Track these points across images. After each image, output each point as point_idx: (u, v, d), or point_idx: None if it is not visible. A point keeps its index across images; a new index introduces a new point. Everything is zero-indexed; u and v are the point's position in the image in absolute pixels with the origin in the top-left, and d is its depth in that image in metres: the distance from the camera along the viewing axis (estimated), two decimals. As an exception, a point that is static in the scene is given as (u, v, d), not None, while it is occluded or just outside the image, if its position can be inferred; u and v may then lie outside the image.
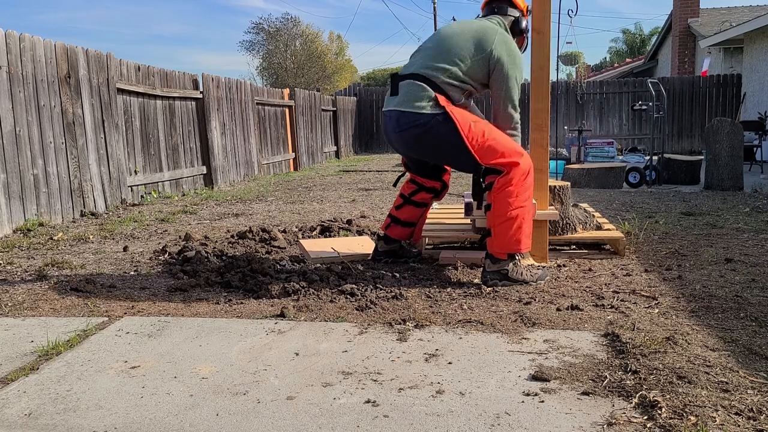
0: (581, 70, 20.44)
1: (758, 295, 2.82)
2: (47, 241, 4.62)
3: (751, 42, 13.67)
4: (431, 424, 1.71)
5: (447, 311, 2.72)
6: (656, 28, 33.71)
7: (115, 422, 1.77)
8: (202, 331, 2.53)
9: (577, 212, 4.02)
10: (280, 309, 2.75)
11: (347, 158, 16.13)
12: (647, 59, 23.12)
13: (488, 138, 3.04)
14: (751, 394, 1.81)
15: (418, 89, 3.07)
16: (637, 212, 5.44)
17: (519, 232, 3.03)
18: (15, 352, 2.35)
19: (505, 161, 3.02)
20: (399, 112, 3.11)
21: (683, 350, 2.15)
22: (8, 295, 3.14)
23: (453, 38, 3.15)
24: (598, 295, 2.92)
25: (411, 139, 3.14)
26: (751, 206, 5.68)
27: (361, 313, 2.71)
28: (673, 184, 8.38)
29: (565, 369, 2.04)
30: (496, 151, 3.03)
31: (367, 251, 3.81)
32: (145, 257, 4.03)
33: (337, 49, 37.15)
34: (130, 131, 6.97)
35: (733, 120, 8.13)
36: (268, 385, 2.00)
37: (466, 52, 3.09)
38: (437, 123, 3.03)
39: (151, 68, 7.54)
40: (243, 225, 5.22)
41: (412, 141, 3.15)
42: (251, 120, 10.38)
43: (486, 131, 3.06)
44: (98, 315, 2.79)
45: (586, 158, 10.83)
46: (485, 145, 3.03)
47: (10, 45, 5.09)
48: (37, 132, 5.36)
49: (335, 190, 8.13)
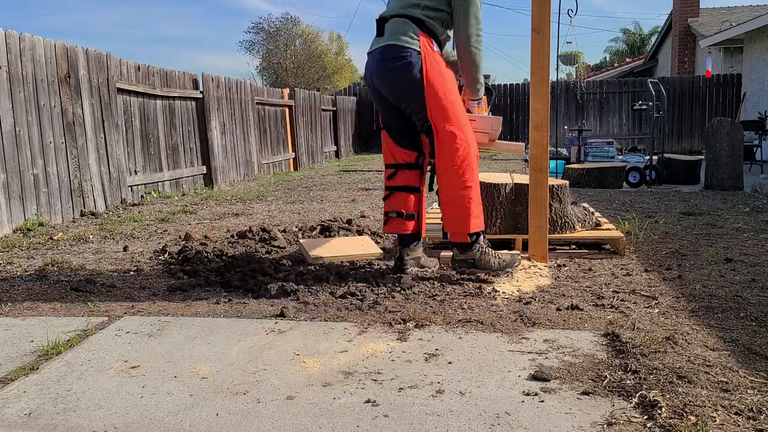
0: (581, 70, 20.44)
1: (758, 295, 2.82)
2: (47, 241, 4.62)
3: (751, 42, 13.67)
4: (431, 424, 1.71)
5: (447, 311, 2.72)
6: (656, 28, 33.70)
7: (115, 422, 1.77)
8: (202, 331, 2.53)
9: (576, 210, 4.02)
10: (280, 309, 2.75)
11: (347, 158, 16.13)
12: (647, 59, 23.14)
13: (447, 99, 3.02)
14: (751, 393, 1.81)
15: (401, 24, 3.10)
16: (637, 212, 5.44)
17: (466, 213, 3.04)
18: (15, 352, 2.35)
19: (450, 127, 3.00)
20: (383, 47, 3.12)
21: (683, 350, 2.15)
22: (8, 295, 3.14)
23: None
24: (598, 294, 2.92)
25: (390, 70, 3.10)
26: (751, 206, 5.68)
27: (361, 313, 2.71)
28: (673, 184, 8.38)
29: (565, 369, 2.04)
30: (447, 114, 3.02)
31: (367, 251, 3.81)
32: (145, 257, 4.03)
33: (337, 49, 37.14)
34: (130, 131, 6.96)
35: (733, 120, 8.13)
36: (268, 384, 2.00)
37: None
38: (416, 61, 3.02)
39: (151, 68, 7.54)
40: (243, 225, 5.22)
41: (390, 72, 3.11)
42: (251, 120, 10.38)
43: (447, 91, 3.04)
44: (98, 315, 2.79)
45: (586, 158, 10.83)
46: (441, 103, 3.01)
47: (10, 45, 5.09)
48: (37, 132, 5.35)
49: (335, 190, 8.13)
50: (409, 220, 3.33)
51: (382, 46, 3.14)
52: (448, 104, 3.04)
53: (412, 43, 3.05)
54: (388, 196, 3.40)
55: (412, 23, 3.10)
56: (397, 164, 3.34)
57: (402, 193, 3.34)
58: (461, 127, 3.05)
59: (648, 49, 26.26)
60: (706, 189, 7.48)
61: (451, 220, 3.11)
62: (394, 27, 3.13)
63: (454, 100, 3.08)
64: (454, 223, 3.12)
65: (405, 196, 3.33)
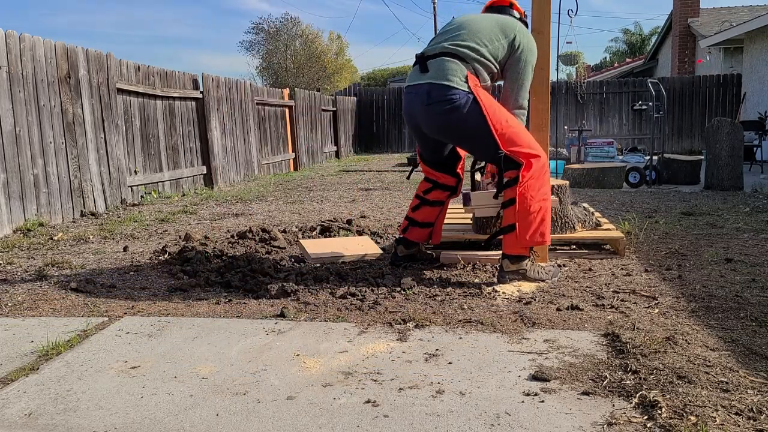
0: (581, 70, 20.43)
1: (758, 295, 2.82)
2: (47, 241, 4.62)
3: (751, 42, 13.66)
4: (431, 424, 1.71)
5: (447, 311, 2.71)
6: (656, 28, 33.70)
7: (115, 422, 1.77)
8: (202, 331, 2.53)
9: (576, 210, 4.02)
10: (280, 309, 2.75)
11: (347, 158, 16.13)
12: (647, 59, 23.12)
13: (510, 126, 3.06)
14: (751, 394, 1.81)
15: (451, 64, 3.07)
16: (637, 212, 5.44)
17: (543, 225, 3.04)
18: (15, 352, 2.35)
19: (524, 151, 3.03)
20: (430, 84, 3.07)
21: (683, 350, 2.15)
22: (8, 295, 3.14)
23: (479, 22, 3.19)
24: (598, 295, 2.92)
25: (439, 113, 3.08)
26: (751, 206, 5.68)
27: (361, 313, 2.71)
28: (673, 184, 8.38)
29: (565, 369, 2.04)
30: (517, 140, 3.04)
31: (367, 251, 3.81)
32: (145, 257, 4.03)
33: (337, 49, 37.13)
34: (130, 131, 6.97)
35: (733, 120, 8.12)
36: (268, 385, 2.00)
37: (492, 35, 3.14)
38: (468, 101, 3.02)
39: (151, 68, 7.54)
40: (243, 225, 5.22)
41: (439, 116, 3.09)
42: (251, 120, 10.38)
43: (508, 119, 3.08)
44: (98, 315, 2.79)
45: (586, 158, 10.83)
46: (507, 132, 3.04)
47: (10, 45, 5.09)
48: (37, 132, 5.36)
49: (335, 190, 8.13)
50: (427, 228, 3.59)
51: (430, 84, 3.08)
52: (512, 129, 3.05)
53: (461, 83, 3.03)
54: (417, 207, 3.56)
55: (460, 63, 3.07)
56: (437, 183, 3.53)
57: (429, 207, 3.55)
58: (533, 145, 3.08)
59: (648, 50, 26.26)
60: (706, 189, 7.48)
61: (526, 230, 3.02)
62: (441, 66, 3.08)
63: (509, 118, 3.09)
64: (527, 234, 3.03)
65: (431, 210, 3.55)
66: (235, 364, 2.18)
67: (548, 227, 3.09)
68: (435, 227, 3.60)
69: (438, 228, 3.62)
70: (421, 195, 3.56)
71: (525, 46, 3.17)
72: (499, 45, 3.14)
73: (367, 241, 4.15)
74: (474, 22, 3.21)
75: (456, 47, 3.10)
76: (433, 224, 3.58)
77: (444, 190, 3.53)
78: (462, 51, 3.09)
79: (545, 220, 3.05)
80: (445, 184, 3.51)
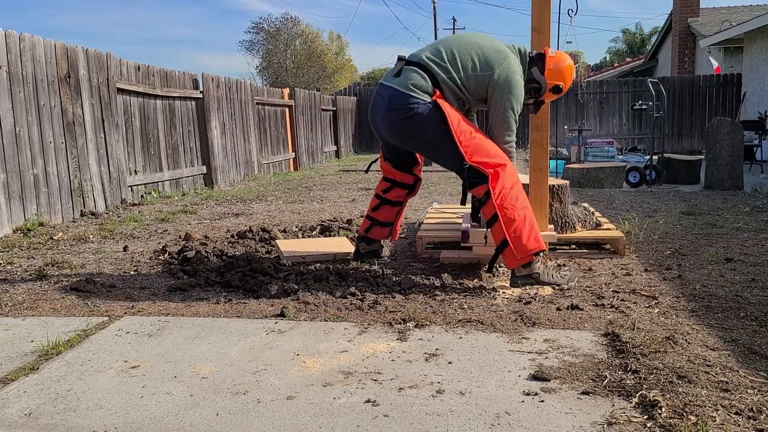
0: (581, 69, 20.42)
1: (758, 295, 2.82)
2: (47, 241, 4.62)
3: (751, 42, 13.66)
4: (431, 424, 1.71)
5: (447, 311, 2.71)
6: (656, 28, 33.70)
7: (115, 422, 1.77)
8: (202, 331, 2.53)
9: (577, 210, 4.02)
10: (280, 309, 2.75)
11: (347, 158, 16.13)
12: (647, 59, 23.12)
13: (474, 137, 3.04)
14: (751, 393, 1.81)
15: (419, 78, 3.07)
16: (637, 212, 5.43)
17: (533, 230, 3.02)
18: (15, 352, 2.35)
19: (491, 161, 3.01)
20: (394, 90, 3.09)
21: (683, 350, 2.15)
22: (8, 295, 3.14)
23: (467, 47, 3.15)
24: (598, 294, 2.92)
25: (397, 120, 3.09)
26: (751, 206, 5.68)
27: (361, 313, 2.71)
28: (673, 184, 8.38)
29: (565, 369, 2.04)
30: (481, 151, 3.03)
31: (345, 250, 3.84)
32: (145, 257, 4.03)
33: (336, 48, 37.15)
34: (130, 131, 6.96)
35: (733, 120, 8.13)
36: (268, 384, 2.00)
37: (470, 65, 3.11)
38: (426, 109, 3.02)
39: (151, 68, 7.54)
40: (243, 225, 5.22)
41: (397, 123, 3.10)
42: (251, 120, 10.38)
43: (472, 131, 3.06)
44: (98, 315, 2.79)
45: (586, 158, 10.83)
46: (472, 142, 3.02)
47: (10, 45, 5.09)
48: (37, 132, 5.36)
49: (335, 190, 8.13)
50: (387, 227, 3.66)
51: (394, 90, 3.08)
52: (477, 140, 3.04)
53: (423, 95, 3.03)
54: (378, 207, 3.62)
55: (429, 80, 3.06)
56: (395, 181, 3.56)
57: (389, 206, 3.60)
58: (499, 155, 3.06)
59: (648, 49, 26.25)
60: (706, 189, 7.48)
61: (519, 240, 2.99)
62: (411, 77, 3.07)
63: (473, 130, 3.07)
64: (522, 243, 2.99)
65: (391, 209, 3.62)
66: (235, 363, 2.18)
67: (538, 231, 3.07)
68: (394, 226, 3.68)
69: (396, 227, 3.70)
70: (381, 195, 3.60)
71: (501, 86, 3.08)
72: (473, 77, 3.10)
73: (345, 241, 4.17)
74: (463, 45, 3.16)
75: (431, 63, 3.10)
76: (392, 223, 3.65)
77: (402, 188, 3.56)
78: (434, 69, 3.09)
79: (533, 226, 3.03)
80: (403, 182, 3.54)
